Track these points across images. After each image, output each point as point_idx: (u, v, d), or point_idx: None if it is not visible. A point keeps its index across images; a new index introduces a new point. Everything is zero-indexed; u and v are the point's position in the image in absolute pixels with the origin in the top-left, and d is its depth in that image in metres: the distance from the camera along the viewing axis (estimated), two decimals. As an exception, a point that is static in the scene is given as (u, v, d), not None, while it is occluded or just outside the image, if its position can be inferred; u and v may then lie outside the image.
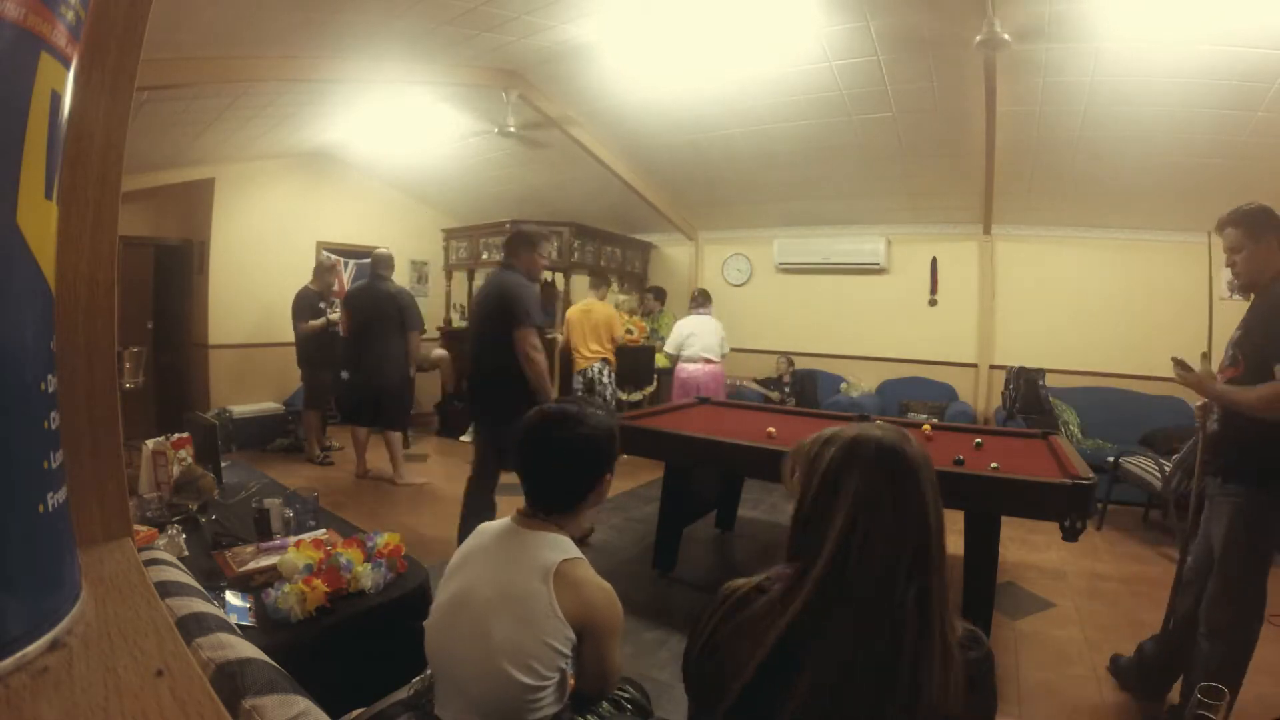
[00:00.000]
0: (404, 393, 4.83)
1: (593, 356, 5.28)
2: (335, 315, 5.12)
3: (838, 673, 0.86)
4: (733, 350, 5.65)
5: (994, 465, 2.42)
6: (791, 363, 6.23)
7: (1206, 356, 2.11)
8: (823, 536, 0.92)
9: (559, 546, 1.28)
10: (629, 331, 5.97)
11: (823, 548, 0.92)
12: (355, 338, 4.65)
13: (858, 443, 0.97)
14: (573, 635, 1.22)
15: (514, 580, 1.24)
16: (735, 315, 7.01)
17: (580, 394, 5.15)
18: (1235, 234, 1.94)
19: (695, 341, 5.31)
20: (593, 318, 5.30)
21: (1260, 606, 1.91)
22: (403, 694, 1.39)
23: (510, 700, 1.18)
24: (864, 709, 0.85)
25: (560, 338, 5.71)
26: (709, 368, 5.29)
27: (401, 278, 6.48)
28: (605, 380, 5.30)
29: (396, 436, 4.75)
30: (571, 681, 1.31)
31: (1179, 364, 2.10)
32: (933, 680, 0.84)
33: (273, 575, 1.68)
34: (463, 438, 5.96)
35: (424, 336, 5.03)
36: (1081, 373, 5.42)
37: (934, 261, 6.05)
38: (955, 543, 2.84)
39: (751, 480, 4.18)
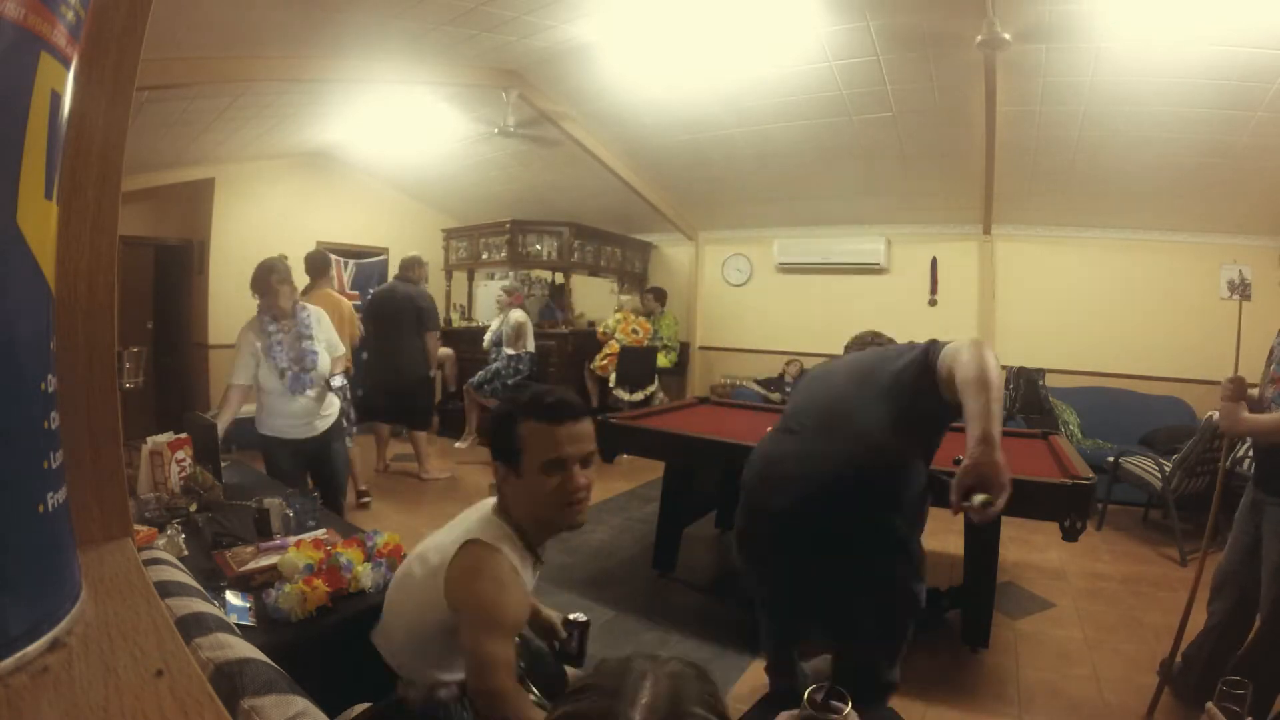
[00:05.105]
0: (424, 391, 4.95)
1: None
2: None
3: None
4: (733, 349, 5.62)
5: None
6: (801, 365, 6.16)
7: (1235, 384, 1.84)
8: None
9: (474, 513, 1.36)
10: (634, 332, 5.98)
11: None
12: (375, 337, 4.76)
13: None
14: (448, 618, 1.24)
15: (429, 549, 1.35)
16: (735, 315, 7.02)
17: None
18: None
19: None
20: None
21: None
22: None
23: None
24: None
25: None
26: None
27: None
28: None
29: (421, 435, 4.87)
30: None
31: (1234, 385, 1.83)
32: None
33: (273, 575, 1.67)
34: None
35: None
36: (1081, 373, 5.42)
37: (934, 261, 6.04)
38: (955, 543, 2.86)
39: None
